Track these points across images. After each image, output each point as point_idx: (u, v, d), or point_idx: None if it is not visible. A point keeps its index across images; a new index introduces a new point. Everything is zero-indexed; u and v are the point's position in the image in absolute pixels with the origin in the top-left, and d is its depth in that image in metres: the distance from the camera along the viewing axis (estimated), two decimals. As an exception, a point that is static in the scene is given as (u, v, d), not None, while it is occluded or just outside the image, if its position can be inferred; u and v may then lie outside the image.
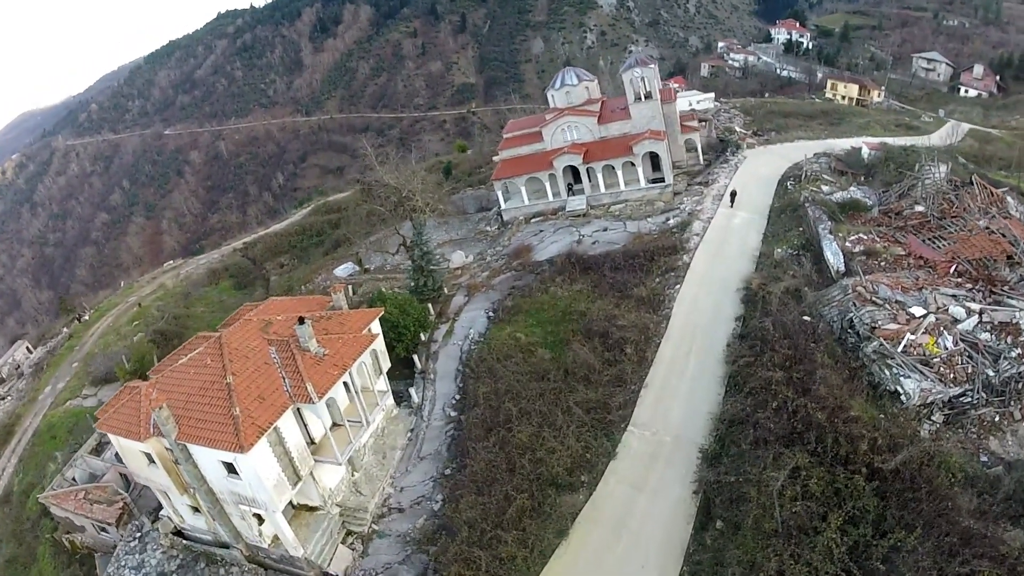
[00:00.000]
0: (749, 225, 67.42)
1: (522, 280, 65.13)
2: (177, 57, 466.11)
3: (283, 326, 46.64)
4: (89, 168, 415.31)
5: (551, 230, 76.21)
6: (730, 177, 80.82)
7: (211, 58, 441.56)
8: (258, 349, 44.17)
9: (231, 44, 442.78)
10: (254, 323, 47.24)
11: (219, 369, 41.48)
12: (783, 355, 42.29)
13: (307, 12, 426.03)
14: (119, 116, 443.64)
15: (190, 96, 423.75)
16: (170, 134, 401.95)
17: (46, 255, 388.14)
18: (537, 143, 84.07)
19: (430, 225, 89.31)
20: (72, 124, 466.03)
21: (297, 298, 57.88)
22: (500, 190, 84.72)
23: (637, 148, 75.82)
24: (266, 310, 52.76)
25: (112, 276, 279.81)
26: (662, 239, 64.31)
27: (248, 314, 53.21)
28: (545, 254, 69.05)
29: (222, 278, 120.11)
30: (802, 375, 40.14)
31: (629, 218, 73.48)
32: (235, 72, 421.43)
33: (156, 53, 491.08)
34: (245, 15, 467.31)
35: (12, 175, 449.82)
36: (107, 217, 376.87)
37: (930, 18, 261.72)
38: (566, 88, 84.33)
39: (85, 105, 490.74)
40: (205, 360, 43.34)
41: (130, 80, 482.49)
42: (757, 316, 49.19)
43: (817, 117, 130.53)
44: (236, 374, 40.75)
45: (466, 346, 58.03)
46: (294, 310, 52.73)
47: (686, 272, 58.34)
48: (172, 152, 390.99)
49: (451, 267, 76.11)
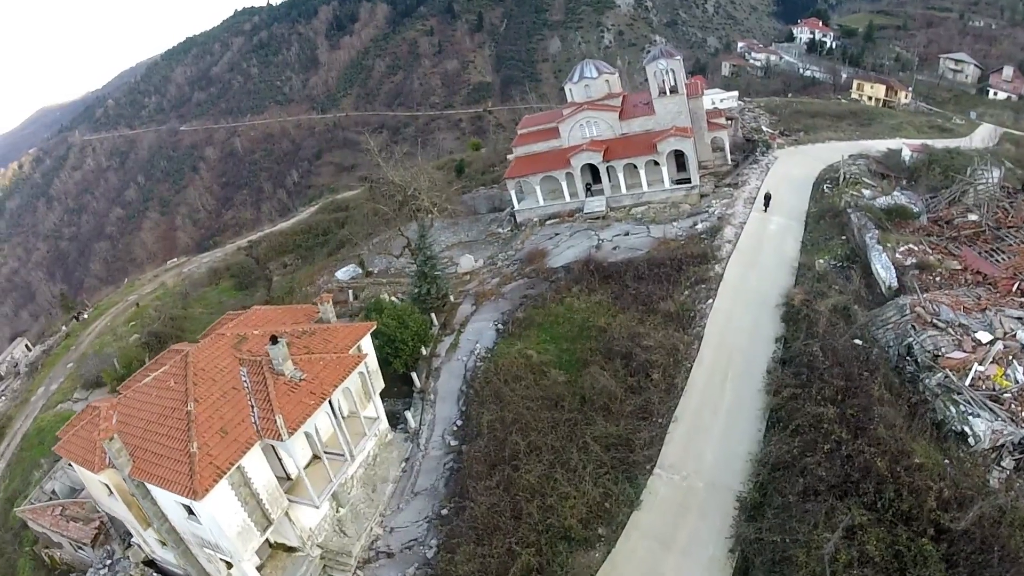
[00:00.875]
0: (785, 232, 60.72)
1: (535, 288, 58.77)
2: (194, 54, 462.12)
3: (259, 343, 40.54)
4: (105, 163, 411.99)
5: (567, 233, 69.76)
6: (761, 179, 74.08)
7: (227, 55, 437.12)
8: (228, 370, 38.09)
9: (247, 41, 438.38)
10: (227, 338, 41.12)
11: (182, 393, 35.58)
12: (834, 387, 36.02)
13: (324, 10, 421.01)
14: (135, 112, 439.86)
15: (206, 93, 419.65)
16: (186, 130, 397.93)
17: (61, 249, 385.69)
18: (553, 139, 77.68)
19: (438, 226, 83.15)
20: (89, 119, 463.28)
21: (283, 308, 51.61)
22: (513, 189, 78.41)
23: (662, 146, 69.21)
24: (246, 321, 46.75)
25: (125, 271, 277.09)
26: (690, 246, 57.54)
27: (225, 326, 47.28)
28: (561, 260, 62.64)
29: (223, 278, 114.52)
30: (857, 411, 33.92)
31: (653, 221, 66.87)
32: (251, 69, 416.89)
33: (173, 50, 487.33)
34: (262, 12, 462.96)
35: (29, 169, 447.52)
36: (122, 212, 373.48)
37: (956, 18, 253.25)
38: (585, 81, 77.67)
39: (102, 101, 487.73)
40: (169, 381, 37.42)
41: (147, 76, 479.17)
42: (801, 338, 42.56)
43: (846, 117, 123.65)
44: (200, 400, 34.80)
45: (471, 363, 51.72)
46: (277, 322, 46.67)
47: (719, 284, 51.53)
48: (187, 148, 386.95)
49: (459, 271, 69.86)
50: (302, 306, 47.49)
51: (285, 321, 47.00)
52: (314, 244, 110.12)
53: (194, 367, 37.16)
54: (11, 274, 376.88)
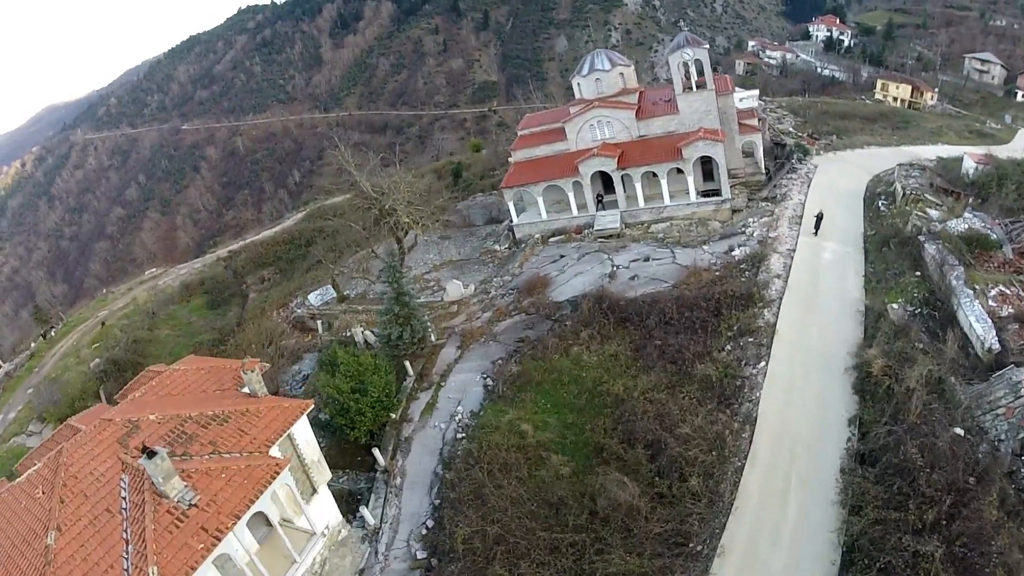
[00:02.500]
0: (844, 263, 48.07)
1: (534, 329, 46.40)
2: (197, 52, 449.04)
3: (156, 431, 28.45)
4: (106, 162, 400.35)
5: (575, 255, 57.25)
6: (803, 192, 61.54)
7: (230, 53, 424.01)
8: (106, 479, 26.43)
9: (251, 39, 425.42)
10: (114, 427, 28.90)
11: (45, 513, 24.22)
12: (935, 505, 24.85)
13: (328, 8, 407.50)
14: (137, 110, 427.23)
15: (208, 91, 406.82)
16: (187, 129, 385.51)
17: (62, 248, 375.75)
18: (559, 142, 65.33)
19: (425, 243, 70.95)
20: (92, 118, 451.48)
21: (213, 364, 38.84)
22: (512, 201, 65.99)
23: (688, 151, 56.72)
24: (159, 387, 34.61)
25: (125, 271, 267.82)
26: (729, 281, 44.69)
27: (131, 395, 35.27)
28: (566, 291, 50.12)
29: (195, 294, 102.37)
30: (967, 545, 23.18)
31: (678, 243, 54.18)
32: (254, 67, 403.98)
33: (176, 48, 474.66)
34: (266, 11, 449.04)
35: (31, 168, 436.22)
36: (122, 212, 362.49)
37: (976, 17, 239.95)
38: (596, 74, 64.88)
39: (106, 99, 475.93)
40: (36, 489, 25.85)
41: (150, 75, 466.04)
42: (883, 420, 30.31)
43: (877, 120, 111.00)
44: (63, 529, 23.60)
45: (450, 433, 39.40)
46: (196, 390, 34.73)
47: (771, 338, 38.73)
48: (189, 147, 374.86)
49: (445, 299, 57.56)
50: (247, 362, 35.37)
51: (207, 388, 34.94)
52: (295, 256, 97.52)
53: (66, 471, 25.58)
54: (12, 273, 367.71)
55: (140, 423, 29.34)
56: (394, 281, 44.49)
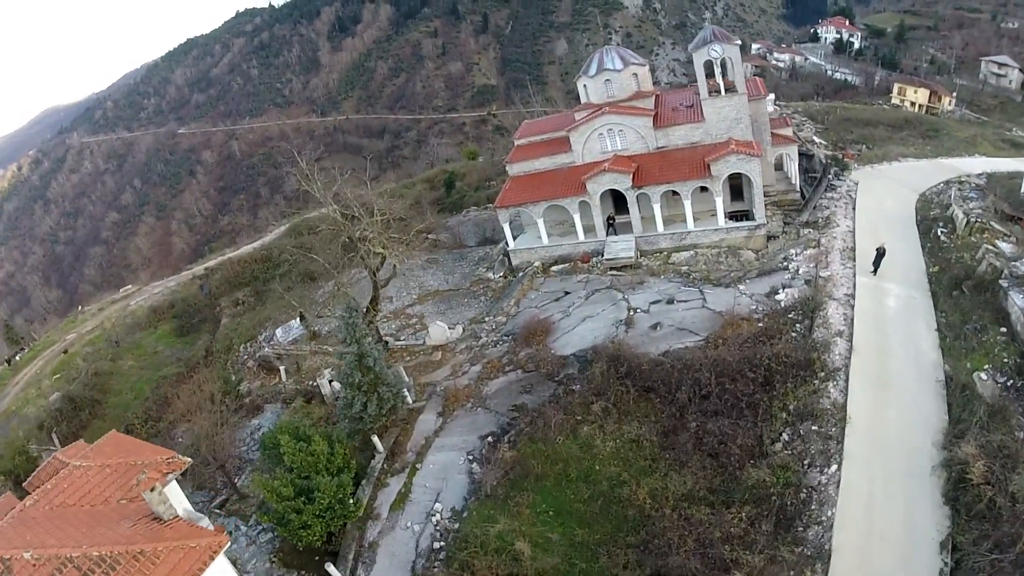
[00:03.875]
0: (912, 312, 37.78)
1: (533, 392, 36.65)
2: (194, 55, 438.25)
3: None
4: (102, 166, 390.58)
5: (582, 292, 47.41)
6: (849, 215, 51.67)
7: (228, 56, 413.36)
8: None
9: (248, 42, 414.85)
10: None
11: None
12: None
13: (326, 11, 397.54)
14: (134, 114, 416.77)
15: (205, 95, 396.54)
16: (184, 133, 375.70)
17: (57, 253, 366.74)
18: (562, 154, 55.59)
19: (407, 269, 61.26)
20: (89, 121, 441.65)
21: (136, 450, 29.13)
22: (507, 222, 56.25)
23: (718, 166, 46.97)
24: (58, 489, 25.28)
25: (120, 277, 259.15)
26: (778, 337, 34.44)
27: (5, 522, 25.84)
28: (573, 341, 40.28)
29: (164, 319, 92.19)
30: None
31: (706, 278, 44.17)
32: (251, 71, 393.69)
33: (173, 51, 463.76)
34: (264, 14, 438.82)
35: (28, 171, 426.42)
36: (117, 216, 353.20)
37: (988, 20, 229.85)
38: (605, 74, 54.99)
39: (103, 102, 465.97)
40: None
41: (147, 78, 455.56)
42: (985, 546, 21.01)
43: (903, 127, 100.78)
44: None
45: (425, 539, 29.77)
46: (98, 497, 25.40)
47: (842, 426, 28.69)
48: (185, 151, 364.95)
49: (428, 343, 47.88)
50: (162, 454, 25.81)
51: (111, 497, 25.46)
52: (272, 276, 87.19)
53: None
54: (7, 278, 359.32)
55: (12, 564, 20.00)
56: (353, 340, 34.56)
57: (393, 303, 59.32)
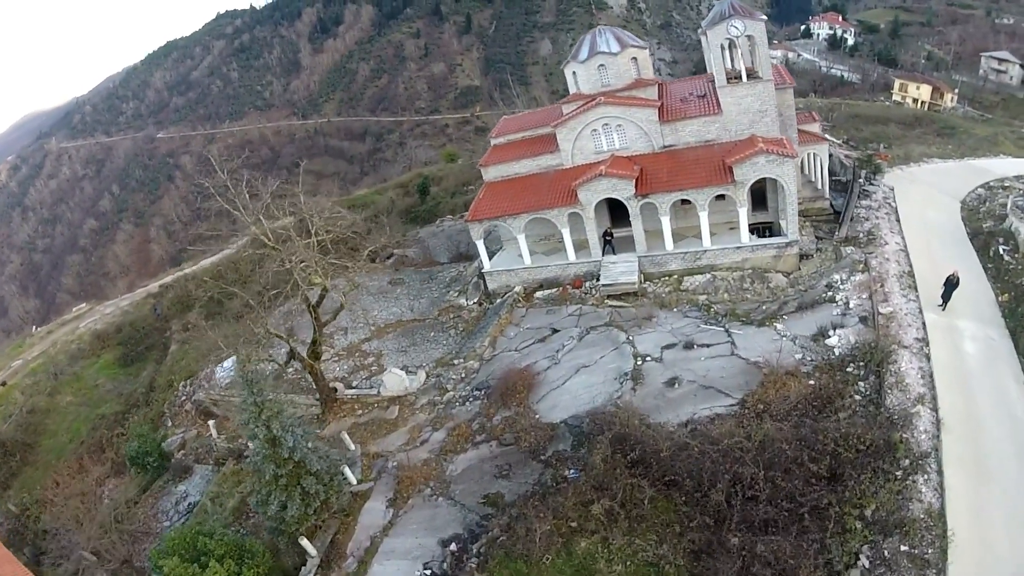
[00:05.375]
0: (994, 360, 27.41)
1: (512, 477, 26.55)
2: (174, 58, 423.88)
3: None
4: (81, 172, 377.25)
5: (574, 331, 37.12)
6: (895, 227, 41.74)
7: (207, 59, 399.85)
8: None
9: (229, 45, 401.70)
10: None
11: None
12: None
13: (307, 12, 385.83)
14: (112, 118, 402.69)
15: (184, 98, 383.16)
16: (162, 137, 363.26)
17: (34, 261, 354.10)
18: (547, 155, 45.47)
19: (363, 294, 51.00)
20: (67, 126, 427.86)
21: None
22: (480, 238, 45.95)
23: (742, 170, 36.88)
24: None
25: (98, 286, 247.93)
26: (839, 403, 24.39)
27: None
28: (563, 403, 30.00)
29: (109, 346, 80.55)
30: None
31: (733, 313, 33.98)
32: (231, 73, 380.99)
33: (153, 54, 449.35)
34: (244, 15, 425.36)
35: (6, 178, 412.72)
36: (96, 224, 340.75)
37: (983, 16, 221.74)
38: (599, 59, 44.78)
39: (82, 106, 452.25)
40: None
41: (125, 82, 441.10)
42: None
43: (915, 125, 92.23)
44: None
45: None
46: None
47: (941, 545, 18.61)
48: (163, 156, 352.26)
49: (383, 393, 37.63)
50: None
51: None
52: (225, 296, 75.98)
53: None
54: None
55: None
56: (258, 422, 24.12)
57: (348, 336, 48.93)
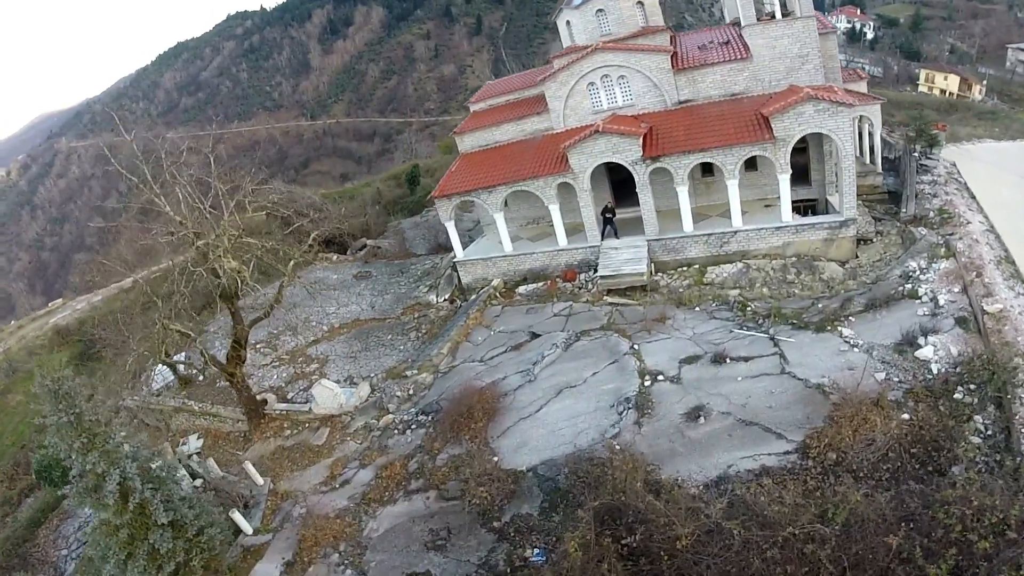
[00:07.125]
0: None
1: (448, 548, 17.06)
2: (184, 59, 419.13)
3: None
4: (89, 171, 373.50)
5: (559, 334, 27.44)
6: (970, 204, 32.23)
7: (217, 60, 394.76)
8: None
9: (238, 46, 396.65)
10: None
11: None
12: None
13: (317, 14, 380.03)
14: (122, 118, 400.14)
15: (194, 98, 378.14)
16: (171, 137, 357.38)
17: (42, 259, 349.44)
18: (534, 117, 36.22)
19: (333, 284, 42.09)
20: (77, 126, 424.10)
21: None
22: (451, 220, 36.61)
23: (783, 122, 27.27)
24: None
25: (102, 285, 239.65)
26: (949, 451, 15.34)
27: None
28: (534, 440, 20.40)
29: (69, 342, 72.46)
30: None
31: (777, 313, 24.39)
32: (240, 74, 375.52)
33: (164, 55, 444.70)
34: (255, 17, 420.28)
35: (16, 176, 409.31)
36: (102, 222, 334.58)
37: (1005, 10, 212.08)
38: (597, 2, 35.71)
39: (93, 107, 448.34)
40: None
41: (136, 82, 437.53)
42: None
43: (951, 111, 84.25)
44: None
45: None
46: None
47: None
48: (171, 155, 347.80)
49: (314, 410, 28.44)
50: None
51: None
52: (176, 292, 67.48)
53: None
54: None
55: None
56: (74, 451, 15.04)
57: (297, 338, 39.82)
